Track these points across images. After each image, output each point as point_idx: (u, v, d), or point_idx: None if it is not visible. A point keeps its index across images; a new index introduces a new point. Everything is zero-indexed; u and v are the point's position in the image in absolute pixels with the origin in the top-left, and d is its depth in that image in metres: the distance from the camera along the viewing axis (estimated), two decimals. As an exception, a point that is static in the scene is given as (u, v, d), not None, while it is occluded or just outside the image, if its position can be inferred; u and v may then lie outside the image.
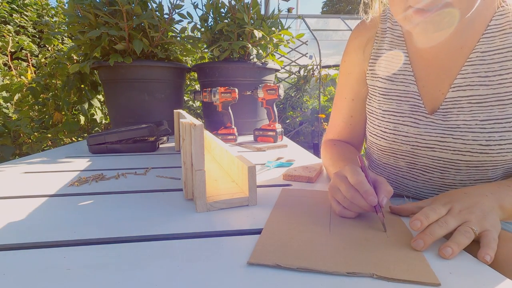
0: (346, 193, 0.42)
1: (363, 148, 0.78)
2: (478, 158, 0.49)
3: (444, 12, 0.42)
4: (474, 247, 0.35)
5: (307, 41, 2.67)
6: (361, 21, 0.65)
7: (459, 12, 0.43)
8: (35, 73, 1.92)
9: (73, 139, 1.72)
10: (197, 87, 2.27)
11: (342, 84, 0.69)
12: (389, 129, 0.58)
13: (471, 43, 0.50)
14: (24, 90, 1.64)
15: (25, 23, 3.54)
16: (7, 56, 1.98)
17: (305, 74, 2.67)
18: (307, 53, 2.74)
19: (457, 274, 0.30)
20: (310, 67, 2.67)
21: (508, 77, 0.47)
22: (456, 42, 0.51)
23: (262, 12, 1.46)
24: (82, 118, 1.61)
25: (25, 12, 3.65)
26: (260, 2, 1.39)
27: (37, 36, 3.47)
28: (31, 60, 1.98)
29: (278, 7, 1.47)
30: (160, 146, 1.08)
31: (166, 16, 1.36)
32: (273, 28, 1.41)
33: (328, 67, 3.30)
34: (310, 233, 0.39)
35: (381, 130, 0.60)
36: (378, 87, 0.61)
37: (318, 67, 2.69)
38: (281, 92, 1.12)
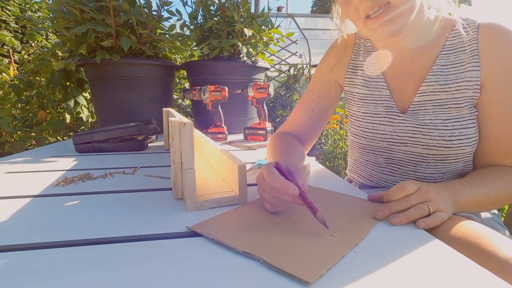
0: (268, 191, 0.42)
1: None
2: (443, 152, 0.58)
3: (391, 12, 0.52)
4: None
5: (297, 40, 2.68)
6: (341, 35, 0.76)
7: (405, 11, 0.52)
8: (17, 69, 1.86)
9: (58, 138, 1.68)
10: (187, 85, 2.25)
11: (313, 82, 0.78)
12: (368, 129, 0.66)
13: (432, 57, 0.61)
14: (6, 87, 1.59)
15: (6, 17, 3.42)
16: (-13, 52, 1.91)
17: (295, 73, 2.68)
18: (297, 52, 2.75)
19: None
20: (300, 66, 2.69)
21: (462, 85, 0.57)
22: (416, 50, 0.62)
23: (252, 10, 1.46)
24: (67, 117, 1.57)
25: (7, 6, 3.53)
26: (250, 0, 1.38)
27: (20, 32, 3.36)
28: (13, 56, 1.92)
29: (268, 6, 1.47)
30: (149, 145, 1.07)
31: (154, 13, 1.34)
32: (263, 27, 1.41)
33: (318, 66, 3.32)
34: (259, 221, 0.41)
35: (361, 130, 0.68)
36: (357, 93, 0.70)
37: (308, 66, 2.71)
38: (271, 90, 1.12)
